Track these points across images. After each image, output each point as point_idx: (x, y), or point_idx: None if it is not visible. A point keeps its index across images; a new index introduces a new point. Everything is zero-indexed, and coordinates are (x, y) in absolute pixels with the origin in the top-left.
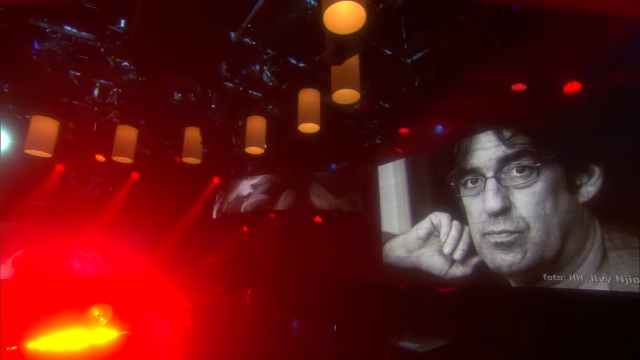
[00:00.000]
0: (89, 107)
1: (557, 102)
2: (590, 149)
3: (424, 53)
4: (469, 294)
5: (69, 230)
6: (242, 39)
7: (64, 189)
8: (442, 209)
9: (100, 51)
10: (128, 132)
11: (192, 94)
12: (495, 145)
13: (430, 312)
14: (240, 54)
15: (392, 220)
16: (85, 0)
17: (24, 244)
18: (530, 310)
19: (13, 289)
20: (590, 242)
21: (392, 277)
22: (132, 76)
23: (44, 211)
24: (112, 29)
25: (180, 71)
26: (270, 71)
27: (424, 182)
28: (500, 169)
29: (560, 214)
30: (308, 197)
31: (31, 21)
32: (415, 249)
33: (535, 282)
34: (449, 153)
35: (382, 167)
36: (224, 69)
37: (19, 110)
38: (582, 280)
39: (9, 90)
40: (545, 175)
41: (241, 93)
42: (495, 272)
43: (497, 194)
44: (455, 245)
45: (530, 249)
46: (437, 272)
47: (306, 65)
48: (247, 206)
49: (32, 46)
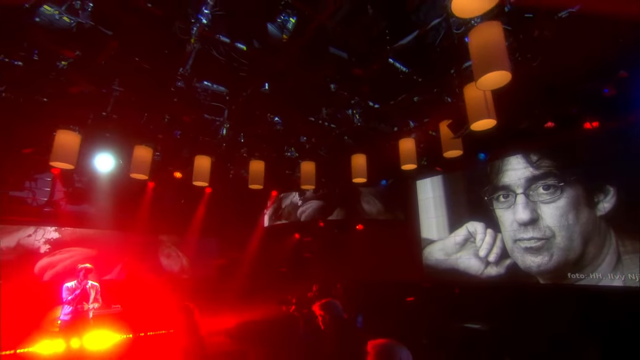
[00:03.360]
0: (217, 143)
1: (578, 136)
2: (605, 172)
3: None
4: (504, 289)
5: (158, 234)
6: (339, 90)
7: (155, 202)
8: (477, 218)
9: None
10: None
11: (303, 137)
12: (524, 167)
13: (470, 304)
14: (337, 101)
15: (431, 228)
16: (239, 69)
17: (127, 249)
18: (557, 302)
19: (127, 288)
20: (607, 247)
21: (432, 276)
22: (278, 126)
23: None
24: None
25: (296, 116)
26: (358, 113)
27: (459, 195)
28: (528, 186)
29: (581, 225)
30: (359, 203)
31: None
32: (453, 253)
33: (561, 279)
34: (483, 172)
35: (420, 182)
36: (324, 112)
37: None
38: (601, 278)
39: (179, 137)
40: (567, 193)
41: (338, 135)
42: (525, 272)
43: (526, 207)
44: (490, 250)
45: (556, 252)
46: (474, 272)
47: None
48: (302, 214)
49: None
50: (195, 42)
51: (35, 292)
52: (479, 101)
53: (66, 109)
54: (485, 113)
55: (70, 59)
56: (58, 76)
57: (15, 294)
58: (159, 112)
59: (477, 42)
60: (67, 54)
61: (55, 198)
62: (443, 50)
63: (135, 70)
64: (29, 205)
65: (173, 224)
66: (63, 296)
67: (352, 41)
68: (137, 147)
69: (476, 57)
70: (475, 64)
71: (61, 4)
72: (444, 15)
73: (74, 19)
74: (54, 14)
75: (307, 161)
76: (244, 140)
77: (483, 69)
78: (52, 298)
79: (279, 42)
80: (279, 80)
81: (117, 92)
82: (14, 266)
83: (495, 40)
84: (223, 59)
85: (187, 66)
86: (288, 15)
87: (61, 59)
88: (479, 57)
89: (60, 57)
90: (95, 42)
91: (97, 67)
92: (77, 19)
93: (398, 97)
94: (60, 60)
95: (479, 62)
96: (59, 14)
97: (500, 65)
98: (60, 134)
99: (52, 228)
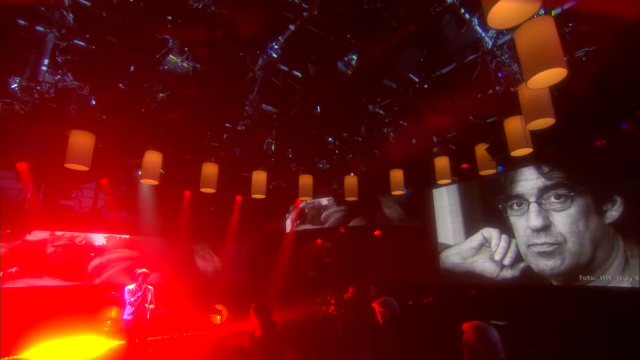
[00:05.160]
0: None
1: (588, 150)
2: (613, 184)
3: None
4: (518, 290)
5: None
6: (376, 110)
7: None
8: (492, 225)
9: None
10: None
11: (350, 154)
12: (536, 177)
13: (487, 304)
14: (374, 120)
15: (448, 234)
16: (294, 93)
17: (166, 253)
18: (569, 302)
19: (168, 290)
20: (616, 251)
21: (449, 279)
22: (330, 145)
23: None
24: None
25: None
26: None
27: (474, 203)
28: (541, 195)
29: (591, 231)
30: (380, 209)
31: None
32: (469, 257)
33: (572, 281)
34: (497, 182)
35: (436, 190)
36: (362, 130)
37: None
38: (610, 279)
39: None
40: (578, 202)
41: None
42: (539, 274)
43: (538, 215)
44: (505, 254)
45: (568, 256)
46: (490, 275)
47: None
48: (327, 217)
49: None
50: (258, 70)
51: (88, 293)
52: (518, 132)
53: (153, 131)
54: (524, 143)
55: (168, 91)
56: (158, 106)
57: (69, 293)
58: (223, 132)
59: (527, 39)
60: (185, 92)
61: (98, 206)
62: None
63: (218, 98)
64: (76, 212)
65: (207, 230)
66: (125, 298)
67: (397, 72)
68: (206, 164)
69: (526, 55)
70: (525, 63)
71: (182, 54)
72: (480, 52)
73: (191, 64)
74: (177, 61)
75: (350, 175)
76: (292, 156)
77: (535, 67)
78: (103, 298)
79: (344, 75)
80: (327, 103)
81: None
82: (69, 265)
83: (548, 35)
84: (280, 84)
85: (254, 93)
86: (352, 54)
87: (161, 91)
88: (530, 54)
89: (160, 89)
90: (203, 80)
91: (185, 97)
92: (194, 64)
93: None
94: (159, 92)
95: (530, 60)
96: (181, 61)
97: (555, 61)
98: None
99: (99, 234)
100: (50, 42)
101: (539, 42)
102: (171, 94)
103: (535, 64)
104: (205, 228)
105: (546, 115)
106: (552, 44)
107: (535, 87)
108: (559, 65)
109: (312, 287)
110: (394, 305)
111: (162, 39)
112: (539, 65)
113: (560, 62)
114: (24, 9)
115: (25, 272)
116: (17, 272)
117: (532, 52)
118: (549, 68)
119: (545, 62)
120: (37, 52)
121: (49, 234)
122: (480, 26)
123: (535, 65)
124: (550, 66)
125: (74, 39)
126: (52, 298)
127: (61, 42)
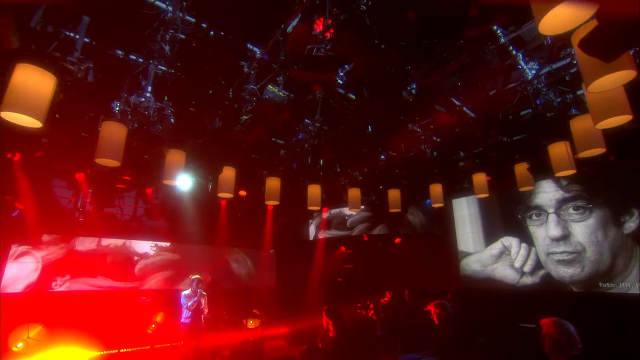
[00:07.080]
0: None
1: (606, 165)
2: (630, 196)
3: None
4: (538, 297)
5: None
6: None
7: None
8: (512, 234)
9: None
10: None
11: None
12: (555, 189)
13: (508, 309)
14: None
15: (468, 242)
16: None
17: (203, 259)
18: (589, 308)
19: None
20: (634, 260)
21: (470, 285)
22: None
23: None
24: None
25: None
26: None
27: (494, 213)
28: (559, 207)
29: (609, 241)
30: (404, 215)
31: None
32: (489, 264)
33: (592, 288)
34: (516, 193)
35: (456, 200)
36: (402, 147)
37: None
38: (629, 287)
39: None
40: (596, 213)
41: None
42: (559, 281)
43: (557, 225)
44: (525, 261)
45: (587, 265)
46: (510, 281)
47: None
48: (353, 224)
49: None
50: (319, 93)
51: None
52: (563, 156)
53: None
54: (568, 166)
55: (251, 114)
56: (241, 127)
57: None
58: (280, 148)
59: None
60: (280, 118)
61: (138, 214)
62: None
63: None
64: (118, 219)
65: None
66: (182, 302)
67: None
68: (269, 179)
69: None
70: (583, 69)
71: (279, 85)
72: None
73: (286, 94)
74: (275, 91)
75: (393, 189)
76: (340, 170)
77: (597, 71)
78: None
79: (406, 101)
80: (377, 123)
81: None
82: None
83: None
84: (336, 105)
85: (317, 115)
86: (414, 83)
87: (244, 113)
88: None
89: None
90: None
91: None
92: (289, 93)
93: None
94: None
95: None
96: (278, 90)
97: (622, 64)
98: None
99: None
100: (152, 71)
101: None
102: (254, 116)
103: (597, 67)
104: (239, 234)
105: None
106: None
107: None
108: (629, 68)
109: (342, 293)
110: (449, 307)
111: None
112: (601, 69)
113: (631, 65)
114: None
115: (79, 275)
116: (70, 278)
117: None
118: (613, 72)
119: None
120: (131, 78)
121: (97, 241)
122: (523, 60)
123: (597, 70)
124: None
125: (171, 69)
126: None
127: (158, 70)
